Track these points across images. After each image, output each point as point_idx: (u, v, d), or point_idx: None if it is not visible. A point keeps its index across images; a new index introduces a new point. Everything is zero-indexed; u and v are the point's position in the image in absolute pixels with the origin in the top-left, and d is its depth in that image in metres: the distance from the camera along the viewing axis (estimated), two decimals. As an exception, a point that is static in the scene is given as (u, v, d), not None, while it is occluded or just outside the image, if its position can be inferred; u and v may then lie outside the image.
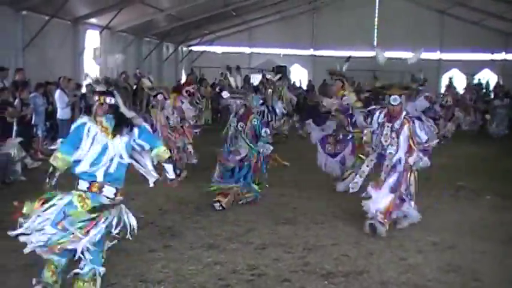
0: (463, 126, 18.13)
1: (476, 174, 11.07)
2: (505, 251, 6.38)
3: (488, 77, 25.14)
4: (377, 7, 29.18)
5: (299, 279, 5.31)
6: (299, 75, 28.61)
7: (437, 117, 13.27)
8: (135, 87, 18.97)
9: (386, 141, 6.87)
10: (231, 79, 8.56)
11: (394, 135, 6.81)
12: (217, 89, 19.73)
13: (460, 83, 26.79)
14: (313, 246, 6.29)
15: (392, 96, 6.69)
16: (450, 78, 23.10)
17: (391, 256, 6.03)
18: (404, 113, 6.88)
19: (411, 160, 6.77)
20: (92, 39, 19.05)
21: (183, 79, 26.69)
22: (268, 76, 16.71)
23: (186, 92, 10.21)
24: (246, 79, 25.89)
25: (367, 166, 7.16)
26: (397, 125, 6.80)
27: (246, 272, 5.48)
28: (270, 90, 13.92)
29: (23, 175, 9.65)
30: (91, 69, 18.93)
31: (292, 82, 24.49)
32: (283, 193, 9.02)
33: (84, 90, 15.26)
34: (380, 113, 7.01)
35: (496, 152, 14.39)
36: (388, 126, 6.87)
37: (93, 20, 18.54)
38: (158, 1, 19.59)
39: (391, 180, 6.78)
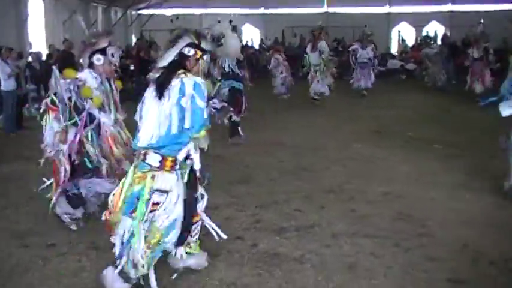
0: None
1: (425, 125, 11.31)
2: (451, 196, 6.56)
3: (435, 29, 25.39)
4: (326, -38, 28.85)
5: (251, 236, 5.34)
6: (251, 35, 28.39)
7: None
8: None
9: None
10: None
11: None
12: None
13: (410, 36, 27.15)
14: (266, 203, 6.33)
15: None
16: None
17: (341, 209, 6.13)
18: None
19: None
20: (35, 6, 18.40)
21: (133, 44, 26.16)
22: None
23: None
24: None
25: None
26: None
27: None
28: None
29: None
30: (35, 37, 18.42)
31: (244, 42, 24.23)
32: (238, 151, 9.07)
33: (29, 59, 14.83)
34: None
35: (444, 102, 14.68)
36: None
37: (35, -14, 17.91)
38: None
39: None
